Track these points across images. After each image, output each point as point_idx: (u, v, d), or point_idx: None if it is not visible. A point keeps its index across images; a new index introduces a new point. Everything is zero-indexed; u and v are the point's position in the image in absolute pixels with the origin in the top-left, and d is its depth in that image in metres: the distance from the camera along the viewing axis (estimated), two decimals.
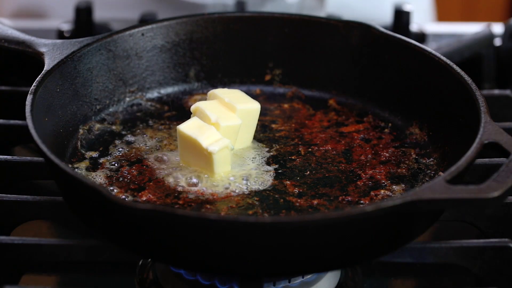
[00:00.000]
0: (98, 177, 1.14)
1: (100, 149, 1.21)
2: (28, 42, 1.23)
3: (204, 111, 1.16)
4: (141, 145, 1.21)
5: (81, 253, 1.08)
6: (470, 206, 1.13)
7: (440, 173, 1.15)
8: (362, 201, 1.11)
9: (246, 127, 1.20)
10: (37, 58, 1.21)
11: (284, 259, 0.98)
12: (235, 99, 1.19)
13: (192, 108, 1.18)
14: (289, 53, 1.32)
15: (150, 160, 1.17)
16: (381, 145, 1.22)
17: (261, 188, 1.13)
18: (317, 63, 1.30)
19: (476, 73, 1.52)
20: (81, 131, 1.22)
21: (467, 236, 1.18)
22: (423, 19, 1.80)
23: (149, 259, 1.12)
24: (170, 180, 1.13)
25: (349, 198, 1.11)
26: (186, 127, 1.14)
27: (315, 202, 1.11)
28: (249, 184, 1.13)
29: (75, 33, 1.58)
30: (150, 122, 1.27)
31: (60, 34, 1.59)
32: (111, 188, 1.12)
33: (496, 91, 1.44)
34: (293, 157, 1.19)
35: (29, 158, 1.23)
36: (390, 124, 1.26)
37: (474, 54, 1.52)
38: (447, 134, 1.17)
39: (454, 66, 1.18)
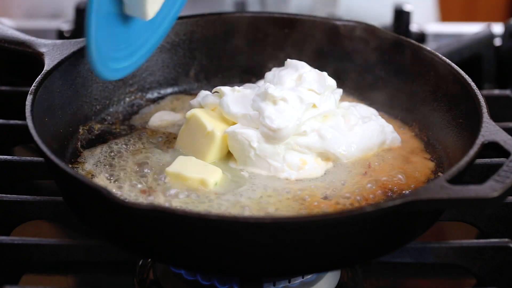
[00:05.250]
0: (98, 177, 1.14)
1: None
2: (28, 42, 1.23)
3: (200, 119, 1.15)
4: (140, 145, 1.21)
5: (81, 253, 1.08)
6: (470, 206, 1.13)
7: (440, 173, 1.15)
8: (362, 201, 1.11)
9: None
10: (37, 58, 1.20)
11: (284, 259, 0.98)
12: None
13: (188, 114, 1.17)
14: (289, 53, 1.32)
15: (150, 160, 1.17)
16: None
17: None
18: (317, 63, 1.29)
19: (476, 73, 1.52)
20: (81, 131, 1.22)
21: (467, 236, 1.18)
22: (425, 18, 1.80)
23: (149, 259, 1.12)
24: (171, 179, 1.13)
25: (350, 198, 1.11)
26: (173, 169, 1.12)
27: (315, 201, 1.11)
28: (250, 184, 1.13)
29: (75, 33, 1.58)
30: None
31: (60, 34, 1.59)
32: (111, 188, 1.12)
33: (496, 91, 1.44)
34: None
35: (29, 158, 1.23)
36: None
37: (474, 54, 1.52)
38: (447, 134, 1.17)
39: (454, 66, 1.18)
